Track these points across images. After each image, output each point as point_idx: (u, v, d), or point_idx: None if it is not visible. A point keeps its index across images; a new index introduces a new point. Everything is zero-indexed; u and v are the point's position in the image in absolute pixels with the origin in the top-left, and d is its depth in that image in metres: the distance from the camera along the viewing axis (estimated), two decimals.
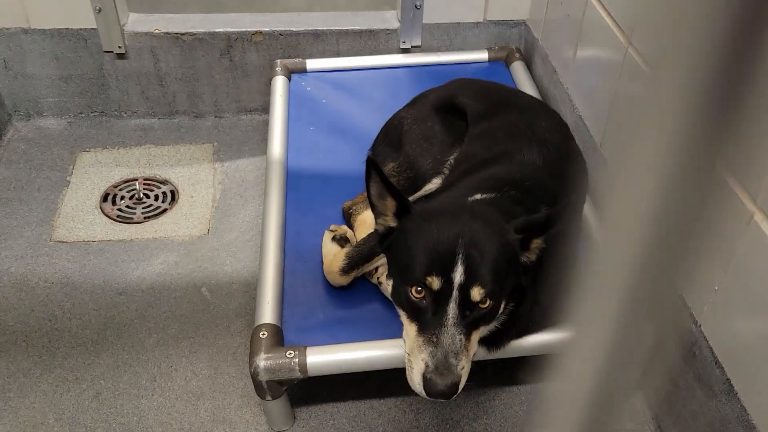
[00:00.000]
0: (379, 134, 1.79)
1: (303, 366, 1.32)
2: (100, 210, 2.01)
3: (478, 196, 1.27)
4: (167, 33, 2.19)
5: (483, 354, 1.30)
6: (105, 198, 2.05)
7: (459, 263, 1.08)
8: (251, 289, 1.75)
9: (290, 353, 1.32)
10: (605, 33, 1.64)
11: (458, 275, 1.08)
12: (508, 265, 1.13)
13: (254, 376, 1.32)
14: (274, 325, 1.39)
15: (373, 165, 1.14)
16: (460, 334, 1.08)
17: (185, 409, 1.50)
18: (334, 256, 1.48)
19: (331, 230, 1.58)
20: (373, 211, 1.21)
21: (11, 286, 1.78)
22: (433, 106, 1.67)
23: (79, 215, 1.99)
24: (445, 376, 1.06)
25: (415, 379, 1.09)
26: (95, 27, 2.15)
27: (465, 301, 1.09)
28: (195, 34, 2.20)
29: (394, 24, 2.25)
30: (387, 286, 1.45)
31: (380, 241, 1.23)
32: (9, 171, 2.15)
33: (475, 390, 1.52)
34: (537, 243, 1.15)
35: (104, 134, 2.29)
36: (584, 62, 1.82)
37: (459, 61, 2.23)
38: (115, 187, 2.10)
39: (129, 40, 2.19)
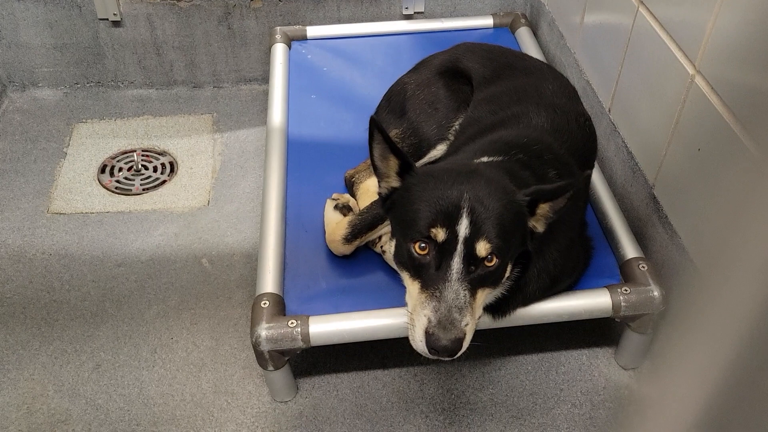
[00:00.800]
0: (381, 101, 1.75)
1: (305, 335, 1.29)
2: (97, 182, 1.98)
3: (485, 159, 1.23)
4: (163, 0, 2.13)
5: (488, 322, 1.28)
6: (102, 169, 2.02)
7: (464, 216, 1.04)
8: (252, 261, 1.72)
9: (292, 322, 1.30)
10: None
11: (463, 228, 1.04)
12: (515, 226, 1.09)
13: (256, 346, 1.30)
14: (276, 294, 1.36)
15: (375, 125, 1.10)
16: (465, 289, 1.05)
17: (186, 381, 1.48)
18: (336, 224, 1.45)
19: (334, 199, 1.55)
20: (375, 173, 1.17)
21: (8, 257, 1.75)
22: (437, 71, 1.62)
23: (77, 187, 1.96)
24: (448, 331, 1.02)
25: (417, 336, 1.05)
26: None
27: (470, 257, 1.05)
28: (192, 1, 2.14)
29: None
30: (390, 254, 1.42)
31: (383, 203, 1.20)
32: (5, 142, 2.11)
33: (483, 352, 1.50)
34: (544, 209, 1.12)
35: (101, 105, 2.25)
36: (592, 26, 1.76)
37: (463, 28, 2.17)
38: (113, 158, 2.06)
39: (124, 7, 2.14)
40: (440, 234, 1.04)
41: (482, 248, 1.05)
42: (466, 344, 1.05)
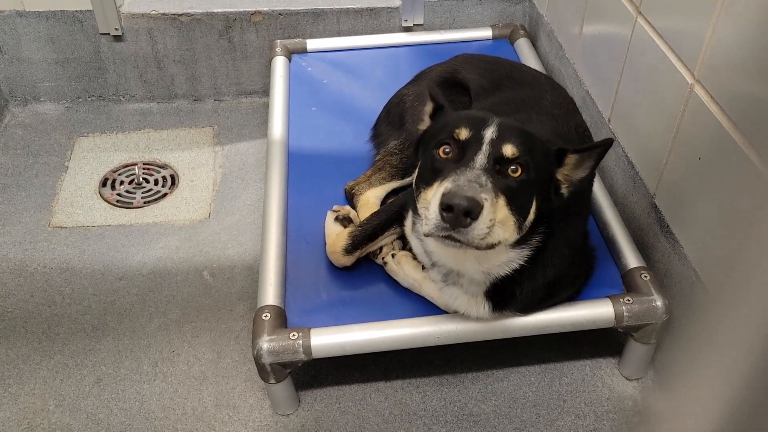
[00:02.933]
0: (381, 113, 1.75)
1: (307, 348, 1.29)
2: (99, 195, 1.98)
3: None
4: (164, 14, 2.15)
5: (487, 312, 1.26)
6: (104, 183, 2.02)
7: (492, 125, 1.05)
8: (253, 273, 1.72)
9: (294, 335, 1.29)
10: (613, 4, 1.59)
11: (489, 132, 1.04)
12: (542, 158, 1.07)
13: (257, 359, 1.29)
14: (277, 306, 1.36)
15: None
16: (488, 180, 0.98)
17: (188, 394, 1.47)
18: (337, 236, 1.45)
19: (334, 210, 1.55)
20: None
21: (10, 271, 1.75)
22: (436, 83, 1.63)
23: (78, 200, 1.96)
24: (465, 190, 0.95)
25: (432, 209, 0.96)
26: (91, 9, 2.11)
27: (496, 156, 1.01)
28: (192, 15, 2.15)
29: (396, 2, 2.21)
30: (392, 265, 1.42)
31: (415, 150, 1.22)
32: (7, 157, 2.11)
33: (485, 363, 1.49)
34: (571, 161, 1.12)
35: (102, 119, 2.26)
36: (591, 37, 1.77)
37: (462, 39, 2.18)
38: (114, 171, 2.06)
39: (125, 21, 2.15)
40: (463, 133, 1.02)
41: (509, 150, 1.02)
42: (483, 221, 0.94)
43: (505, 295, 1.24)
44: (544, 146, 1.11)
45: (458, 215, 0.94)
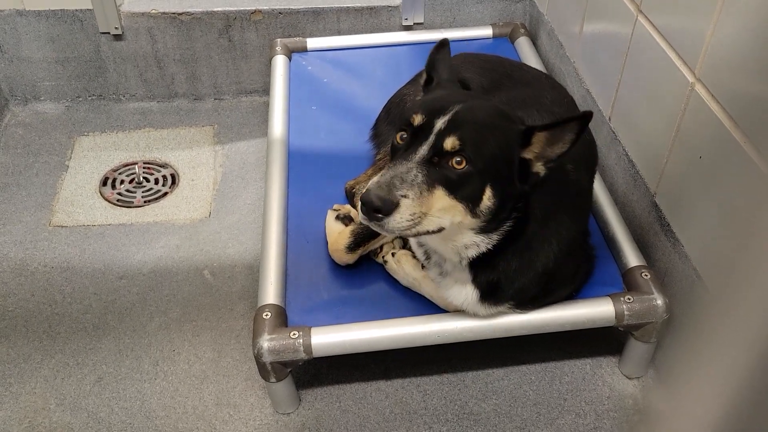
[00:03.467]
0: (381, 112, 1.75)
1: (308, 347, 1.29)
2: (99, 194, 1.98)
3: None
4: (164, 13, 2.15)
5: (476, 300, 1.24)
6: (104, 182, 2.02)
7: (448, 114, 1.05)
8: (254, 272, 1.72)
9: (294, 334, 1.29)
10: (614, 3, 1.59)
11: (440, 122, 1.05)
12: (500, 145, 1.06)
13: (258, 358, 1.29)
14: (278, 305, 1.36)
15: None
16: (420, 173, 1.03)
17: (189, 393, 1.47)
18: (339, 234, 1.45)
19: (335, 209, 1.55)
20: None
21: (10, 271, 1.75)
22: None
23: (79, 200, 1.96)
24: (381, 189, 1.00)
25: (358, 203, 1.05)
26: (91, 8, 2.11)
27: (439, 149, 1.04)
28: (192, 14, 2.15)
29: (396, 0, 2.21)
30: (392, 264, 1.42)
31: None
32: (7, 156, 2.11)
33: (486, 362, 1.49)
34: (540, 140, 1.07)
35: (102, 118, 2.26)
36: (592, 35, 1.77)
37: (462, 38, 2.18)
38: (115, 171, 2.06)
39: (125, 20, 2.15)
40: (417, 118, 1.06)
41: (450, 143, 1.04)
42: (399, 217, 1.01)
43: (491, 284, 1.22)
44: (504, 131, 1.08)
45: (369, 211, 1.01)
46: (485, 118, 1.08)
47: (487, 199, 1.08)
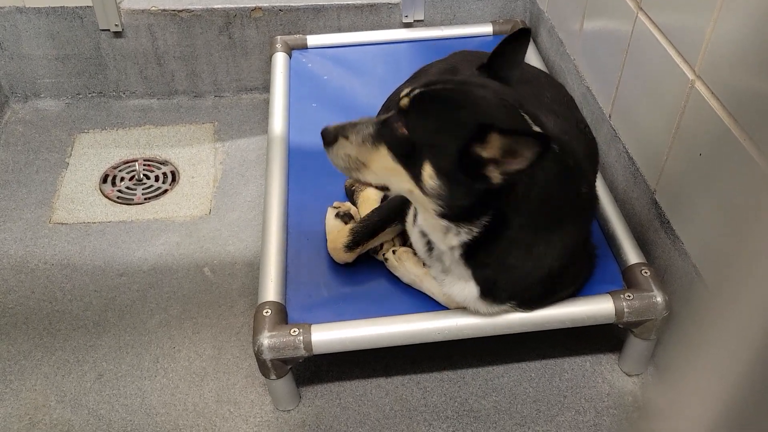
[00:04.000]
0: (380, 110, 1.75)
1: (308, 344, 1.29)
2: (99, 191, 1.98)
3: None
4: (164, 10, 2.14)
5: (476, 295, 1.24)
6: (105, 179, 2.02)
7: (420, 89, 1.10)
8: (254, 269, 1.72)
9: (294, 331, 1.29)
10: (614, 0, 1.59)
11: (410, 94, 1.10)
12: (444, 126, 1.06)
13: (258, 355, 1.29)
14: (278, 302, 1.36)
15: None
16: (373, 129, 1.14)
17: (189, 390, 1.47)
18: (338, 232, 1.45)
19: (335, 207, 1.55)
20: None
21: (11, 268, 1.75)
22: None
23: (79, 197, 1.96)
24: (336, 127, 1.17)
25: None
26: (91, 5, 2.11)
27: (396, 112, 1.12)
28: (192, 11, 2.15)
29: None
30: (393, 261, 1.42)
31: None
32: (7, 153, 2.12)
33: (486, 359, 1.49)
34: (495, 144, 1.01)
35: (103, 115, 2.26)
36: (592, 32, 1.77)
37: (462, 35, 2.18)
38: (115, 168, 2.07)
39: (125, 17, 2.15)
40: (404, 90, 1.14)
41: (403, 103, 1.10)
42: (334, 152, 1.17)
43: (490, 281, 1.23)
44: (458, 116, 1.06)
45: (323, 138, 1.18)
46: (447, 98, 1.08)
47: (429, 177, 1.07)
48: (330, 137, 1.17)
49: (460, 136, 1.04)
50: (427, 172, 1.07)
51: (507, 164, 1.03)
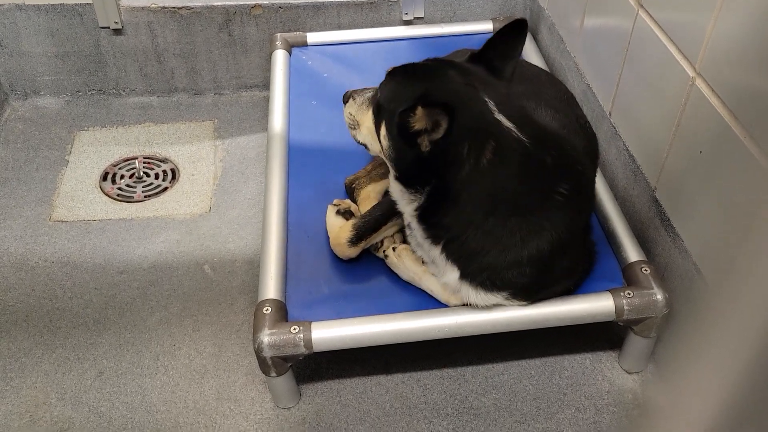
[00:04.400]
0: None
1: (308, 341, 1.29)
2: (99, 189, 1.98)
3: None
4: (164, 7, 2.14)
5: (456, 277, 1.26)
6: (104, 177, 2.02)
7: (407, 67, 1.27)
8: (254, 267, 1.72)
9: (295, 328, 1.29)
10: None
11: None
12: (397, 93, 1.22)
13: (258, 352, 1.30)
14: (278, 300, 1.36)
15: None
16: (370, 94, 1.34)
17: (189, 388, 1.48)
18: (340, 228, 1.45)
19: (335, 204, 1.55)
20: None
21: (11, 266, 1.75)
22: None
23: (79, 194, 1.96)
24: (354, 90, 1.41)
25: None
26: (90, 2, 2.11)
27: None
28: (192, 8, 2.15)
29: None
30: (393, 258, 1.42)
31: None
32: (7, 151, 2.11)
33: (486, 357, 1.49)
34: (420, 114, 1.10)
35: (102, 113, 2.26)
36: (592, 30, 1.77)
37: (463, 33, 2.18)
38: (115, 165, 2.06)
39: (125, 15, 2.15)
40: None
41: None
42: (346, 110, 1.41)
43: (462, 259, 1.23)
44: (407, 88, 1.21)
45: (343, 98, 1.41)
46: (409, 73, 1.24)
47: (383, 138, 1.22)
48: (345, 97, 1.40)
49: (401, 105, 1.14)
50: (382, 133, 1.23)
51: (433, 134, 1.13)
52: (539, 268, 1.24)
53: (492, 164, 1.14)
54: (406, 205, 1.26)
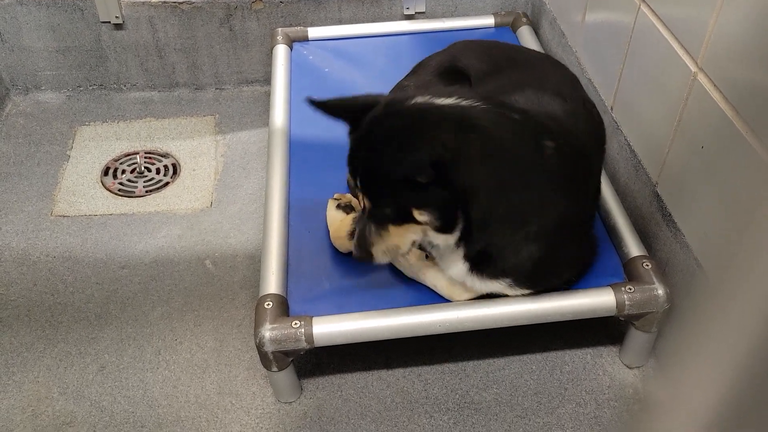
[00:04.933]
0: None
1: (309, 336, 1.29)
2: (101, 184, 1.98)
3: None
4: (165, 2, 2.14)
5: (466, 270, 1.26)
6: (106, 172, 2.02)
7: (353, 167, 1.22)
8: (255, 262, 1.72)
9: (296, 323, 1.30)
10: None
11: (356, 180, 1.21)
12: (387, 172, 1.14)
13: (259, 347, 1.30)
14: (279, 295, 1.36)
15: None
16: (373, 224, 1.19)
17: (191, 382, 1.48)
18: (341, 222, 1.45)
19: (335, 198, 1.55)
20: None
21: (12, 260, 1.76)
22: (436, 72, 1.61)
23: (80, 189, 1.96)
24: (359, 250, 1.23)
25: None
26: None
27: (365, 206, 1.21)
28: (193, 3, 2.14)
29: None
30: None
31: None
32: (8, 146, 2.12)
33: (487, 351, 1.49)
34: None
35: (104, 108, 2.26)
36: (594, 24, 1.76)
37: (464, 27, 2.17)
38: (116, 160, 2.07)
39: (126, 9, 2.14)
40: (350, 179, 1.23)
41: (365, 203, 1.18)
42: (379, 260, 1.23)
43: (478, 256, 1.24)
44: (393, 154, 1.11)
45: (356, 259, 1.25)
46: (373, 150, 1.15)
47: (418, 226, 1.18)
48: (365, 255, 1.22)
49: (413, 198, 1.15)
50: (413, 228, 1.18)
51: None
52: (544, 251, 1.23)
53: (490, 167, 1.13)
54: (453, 249, 1.23)
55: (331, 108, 1.27)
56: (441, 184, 1.10)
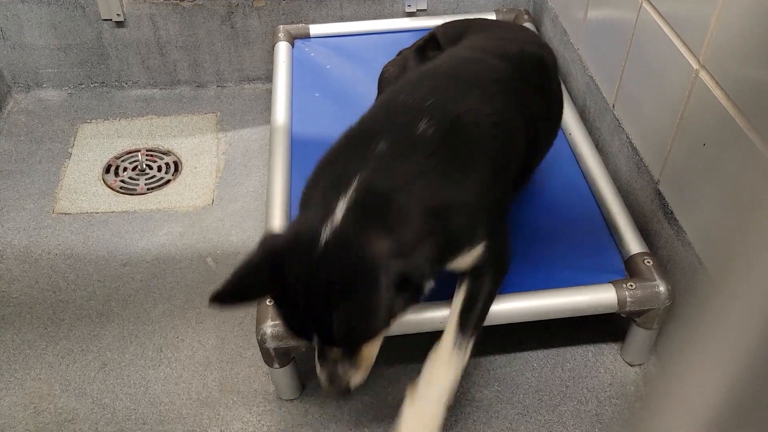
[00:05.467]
0: (377, 95, 1.75)
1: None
2: (102, 182, 1.99)
3: None
4: (166, 0, 2.14)
5: None
6: (107, 169, 2.03)
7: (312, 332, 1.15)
8: None
9: None
10: None
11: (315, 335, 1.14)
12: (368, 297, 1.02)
13: (261, 343, 1.30)
14: None
15: None
16: (339, 365, 1.14)
17: (192, 379, 1.48)
18: None
19: None
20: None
21: (14, 258, 1.76)
22: (415, 48, 1.66)
23: (82, 187, 1.97)
24: (330, 388, 1.15)
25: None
26: None
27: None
28: (194, 0, 2.14)
29: None
30: None
31: None
32: (10, 143, 2.12)
33: (488, 349, 1.49)
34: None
35: (105, 105, 2.26)
36: (596, 22, 1.76)
37: None
38: (118, 158, 2.07)
39: (127, 7, 2.14)
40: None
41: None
42: (356, 382, 1.13)
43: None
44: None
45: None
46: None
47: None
48: (343, 393, 1.15)
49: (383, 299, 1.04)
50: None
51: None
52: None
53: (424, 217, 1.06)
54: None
55: (229, 297, 1.09)
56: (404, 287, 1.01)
